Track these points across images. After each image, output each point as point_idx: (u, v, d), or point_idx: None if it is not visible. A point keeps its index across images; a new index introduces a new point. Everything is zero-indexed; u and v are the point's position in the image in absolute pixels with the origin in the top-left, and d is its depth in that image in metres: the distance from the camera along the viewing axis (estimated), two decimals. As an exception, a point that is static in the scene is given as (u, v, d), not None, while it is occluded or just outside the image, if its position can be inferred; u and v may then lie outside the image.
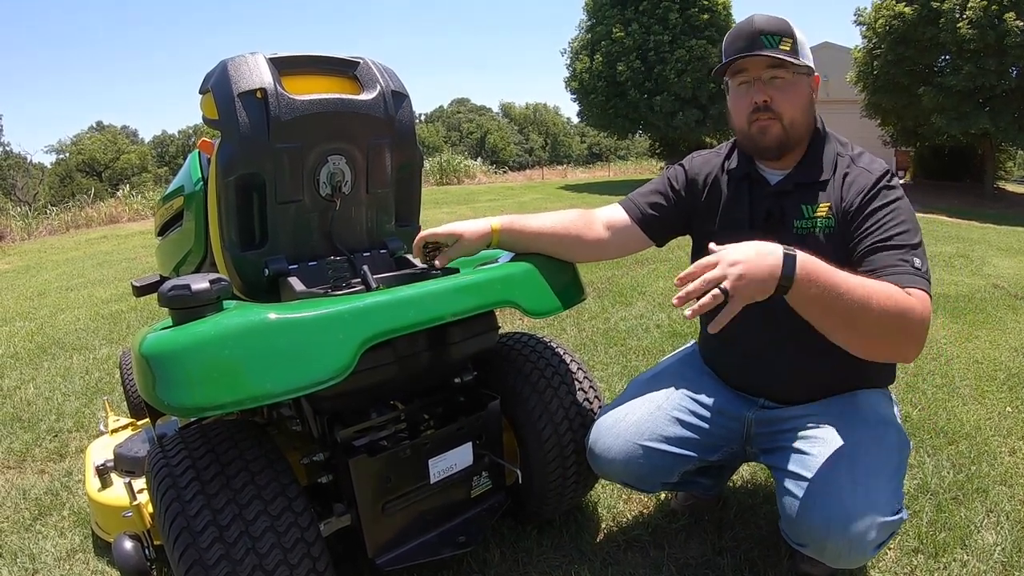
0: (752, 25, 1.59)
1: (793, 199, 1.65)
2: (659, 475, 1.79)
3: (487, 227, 1.76)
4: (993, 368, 3.49)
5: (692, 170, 1.84)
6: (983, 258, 7.03)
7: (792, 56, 1.57)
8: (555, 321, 4.52)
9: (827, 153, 1.66)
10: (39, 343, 4.69)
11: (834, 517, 1.42)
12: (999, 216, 12.16)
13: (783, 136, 1.62)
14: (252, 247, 1.67)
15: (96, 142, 49.57)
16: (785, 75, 1.58)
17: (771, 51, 1.56)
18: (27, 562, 2.04)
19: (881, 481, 1.45)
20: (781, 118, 1.60)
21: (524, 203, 14.62)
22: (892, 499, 1.44)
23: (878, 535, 1.41)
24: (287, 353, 1.24)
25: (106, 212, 15.96)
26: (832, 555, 1.45)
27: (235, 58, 1.57)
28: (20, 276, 8.37)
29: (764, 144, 1.64)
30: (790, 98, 1.60)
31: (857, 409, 1.62)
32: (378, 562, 1.61)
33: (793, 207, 1.65)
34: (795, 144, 1.65)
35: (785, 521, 1.55)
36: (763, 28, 1.58)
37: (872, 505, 1.41)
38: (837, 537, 1.41)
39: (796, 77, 1.60)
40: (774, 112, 1.60)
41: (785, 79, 1.59)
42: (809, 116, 1.65)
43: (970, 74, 13.35)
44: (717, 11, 20.39)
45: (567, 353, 2.02)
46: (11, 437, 3.02)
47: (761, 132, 1.63)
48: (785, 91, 1.60)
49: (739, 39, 1.61)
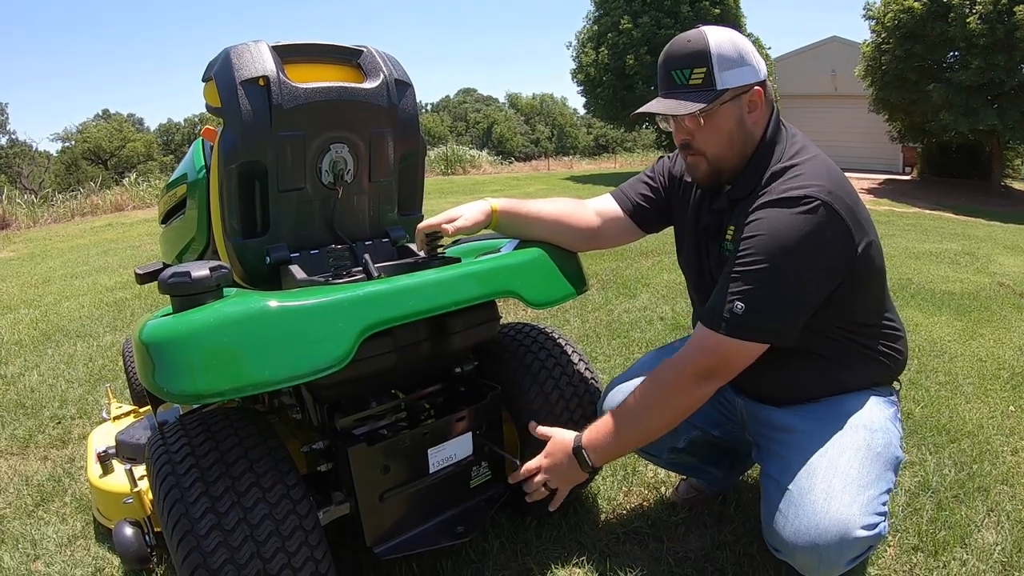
0: (664, 56, 1.53)
1: (727, 217, 1.61)
2: (666, 437, 1.74)
3: (488, 207, 1.79)
4: (997, 366, 3.48)
5: (676, 166, 1.84)
6: (989, 256, 6.99)
7: (703, 90, 1.48)
8: (558, 312, 4.51)
9: (762, 166, 1.55)
10: (43, 330, 4.71)
11: (804, 530, 1.40)
12: (1006, 214, 12.08)
13: (711, 172, 1.59)
14: (254, 235, 1.67)
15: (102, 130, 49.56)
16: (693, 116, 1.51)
17: (676, 93, 1.50)
18: (29, 547, 2.05)
19: (859, 494, 1.41)
20: (705, 154, 1.57)
21: (530, 193, 14.59)
22: (868, 514, 1.39)
23: (849, 551, 1.38)
24: (287, 341, 1.25)
25: (111, 200, 15.95)
26: (803, 566, 1.44)
27: (238, 46, 1.57)
28: (25, 263, 8.39)
29: (696, 179, 1.65)
30: (708, 135, 1.54)
31: (843, 415, 1.57)
32: (376, 551, 1.61)
33: (725, 225, 1.62)
34: (729, 173, 1.59)
35: (764, 526, 1.55)
36: (672, 61, 1.51)
37: (845, 520, 1.37)
38: (806, 549, 1.39)
39: (714, 111, 1.50)
40: (696, 149, 1.57)
41: (697, 118, 1.51)
42: (740, 141, 1.55)
43: (979, 69, 13.24)
44: (728, 5, 20.23)
45: (569, 344, 2.01)
46: (14, 423, 3.03)
47: (691, 168, 1.62)
48: (702, 129, 1.53)
49: (658, 72, 1.56)
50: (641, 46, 19.91)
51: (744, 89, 1.51)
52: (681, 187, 1.81)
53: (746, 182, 1.56)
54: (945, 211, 12.11)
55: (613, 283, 5.35)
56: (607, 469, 2.28)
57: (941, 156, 18.71)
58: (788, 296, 1.43)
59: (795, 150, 1.55)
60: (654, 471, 2.31)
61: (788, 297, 1.43)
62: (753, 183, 1.54)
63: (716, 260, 1.65)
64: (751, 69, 1.51)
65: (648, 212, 1.86)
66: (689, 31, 1.52)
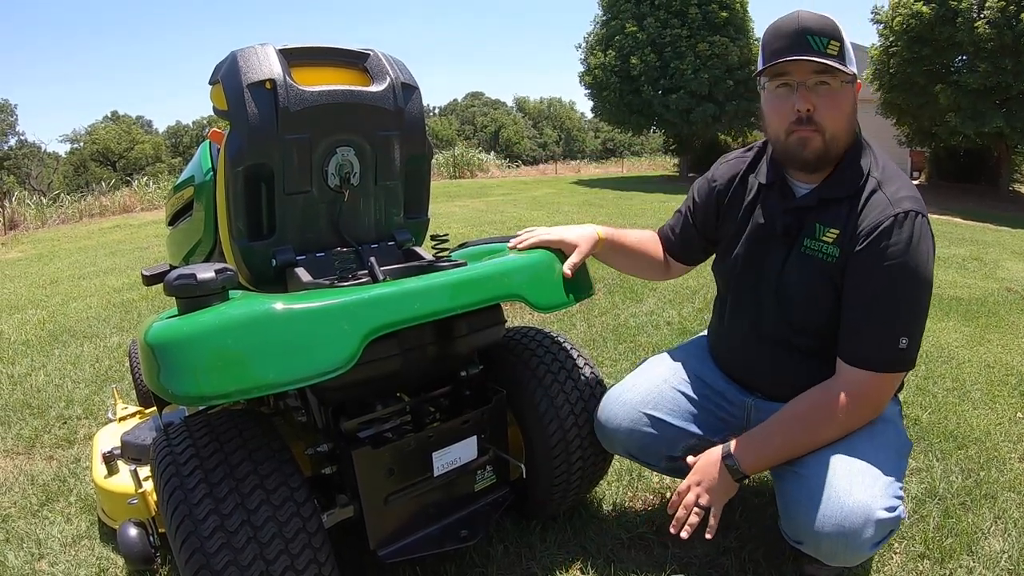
0: (798, 22, 1.45)
1: (813, 214, 1.59)
2: (662, 446, 1.81)
3: (594, 235, 1.83)
4: (1005, 372, 3.46)
5: (717, 179, 1.84)
6: (997, 261, 6.96)
7: (840, 62, 1.45)
8: (564, 316, 4.50)
9: (860, 169, 1.55)
10: (50, 330, 4.73)
11: (829, 515, 1.42)
12: (1014, 219, 12.01)
13: (823, 151, 1.52)
14: (260, 238, 1.67)
15: (111, 132, 49.82)
16: (832, 83, 1.47)
17: (818, 55, 1.44)
18: (33, 547, 2.05)
19: (878, 479, 1.44)
20: (824, 131, 1.50)
21: (537, 197, 14.60)
22: (889, 497, 1.43)
23: (875, 533, 1.41)
24: (292, 343, 1.25)
25: (119, 201, 16.06)
26: (828, 553, 1.46)
27: (245, 49, 1.57)
28: (33, 264, 8.44)
29: (803, 158, 1.55)
30: (835, 110, 1.49)
31: None
32: (380, 554, 1.61)
33: (810, 223, 1.59)
34: (834, 159, 1.56)
35: (783, 518, 1.57)
36: (810, 27, 1.45)
37: (868, 503, 1.40)
38: (832, 535, 1.42)
39: (842, 87, 1.48)
40: (817, 124, 1.49)
41: (831, 87, 1.47)
42: (852, 128, 1.55)
43: (987, 73, 13.20)
44: (735, 9, 20.18)
45: (574, 348, 2.01)
46: (20, 423, 3.04)
47: (801, 144, 1.52)
48: (830, 101, 1.48)
49: (782, 37, 1.48)
50: (646, 47, 19.89)
51: (856, 78, 1.52)
52: (730, 192, 1.79)
53: (842, 182, 1.56)
54: (953, 216, 12.04)
55: (619, 287, 5.34)
56: (612, 474, 2.27)
57: (949, 161, 18.64)
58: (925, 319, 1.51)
59: (882, 158, 1.60)
60: (659, 476, 2.30)
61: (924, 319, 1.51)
62: (853, 185, 1.54)
63: (796, 261, 1.61)
64: (856, 65, 1.53)
65: (686, 247, 1.93)
66: (805, 10, 1.48)
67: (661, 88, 20.18)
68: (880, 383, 1.50)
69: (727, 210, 1.79)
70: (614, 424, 1.81)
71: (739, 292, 1.77)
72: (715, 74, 19.52)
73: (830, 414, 1.51)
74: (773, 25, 1.52)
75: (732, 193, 1.78)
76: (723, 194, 1.80)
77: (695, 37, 19.73)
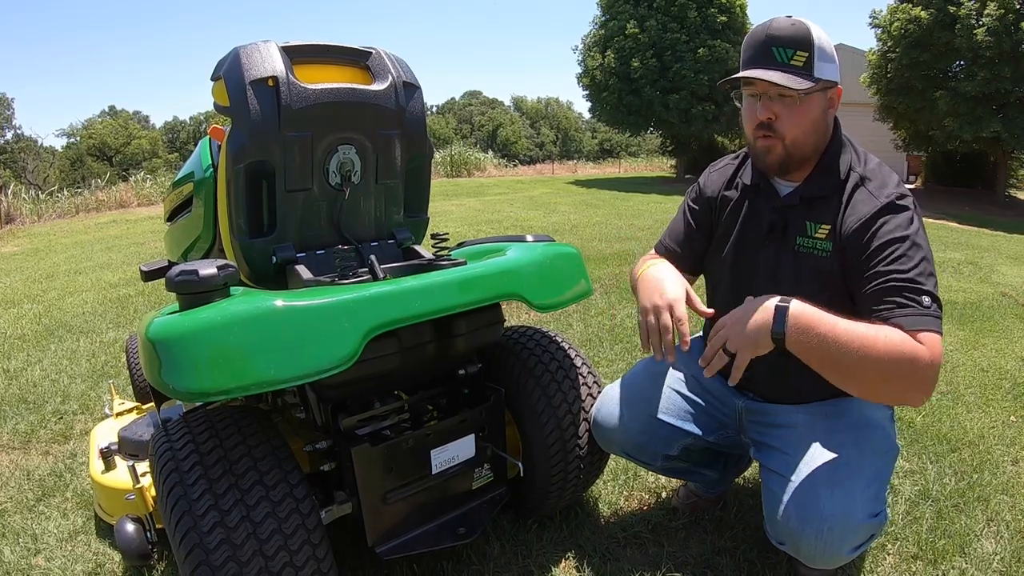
0: (766, 33, 1.51)
1: (799, 213, 1.62)
2: (659, 445, 1.83)
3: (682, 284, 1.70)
4: (998, 377, 3.48)
5: (707, 185, 1.85)
6: (992, 266, 6.98)
7: (803, 73, 1.48)
8: (561, 316, 4.52)
9: (840, 166, 1.59)
10: (46, 325, 4.72)
11: (809, 518, 1.44)
12: (1010, 224, 12.06)
13: (784, 156, 1.57)
14: (260, 235, 1.68)
15: (107, 127, 49.71)
16: (794, 94, 1.50)
17: (778, 69, 1.49)
18: (29, 542, 2.06)
19: (860, 484, 1.45)
20: (783, 138, 1.55)
21: (534, 197, 14.59)
22: (870, 503, 1.44)
23: (854, 538, 1.43)
24: (292, 340, 1.25)
25: (116, 197, 16.00)
26: (807, 555, 1.48)
27: (247, 46, 1.57)
28: (29, 258, 8.42)
29: (766, 162, 1.61)
30: (796, 118, 1.53)
31: (843, 411, 1.63)
32: (378, 551, 1.62)
33: (798, 222, 1.62)
34: (799, 162, 1.60)
35: (766, 519, 1.59)
36: (777, 38, 1.50)
37: (848, 508, 1.41)
38: (811, 537, 1.43)
39: (805, 97, 1.51)
40: (777, 132, 1.55)
41: (793, 98, 1.51)
42: (819, 133, 1.58)
43: (985, 80, 13.25)
44: (735, 13, 20.20)
45: (572, 348, 2.02)
46: (17, 418, 3.04)
47: (764, 151, 1.59)
48: (791, 111, 1.53)
49: (750, 47, 1.55)
50: (647, 49, 19.90)
51: (831, 84, 1.55)
52: (719, 199, 1.81)
53: (824, 181, 1.60)
54: (949, 220, 12.09)
55: (616, 288, 5.35)
56: (608, 473, 2.28)
57: (945, 165, 18.70)
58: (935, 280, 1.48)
59: (863, 153, 1.63)
60: (655, 476, 2.31)
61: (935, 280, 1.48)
62: (835, 182, 1.58)
63: (791, 260, 1.63)
64: (837, 68, 1.56)
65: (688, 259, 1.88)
66: (783, 17, 1.53)
67: (660, 89, 20.20)
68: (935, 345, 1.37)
69: (719, 213, 1.82)
70: (610, 423, 1.83)
71: (732, 293, 1.78)
72: (714, 76, 19.56)
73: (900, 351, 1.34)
74: (750, 32, 1.58)
75: (723, 197, 1.81)
76: (714, 199, 1.83)
77: (694, 41, 19.77)
